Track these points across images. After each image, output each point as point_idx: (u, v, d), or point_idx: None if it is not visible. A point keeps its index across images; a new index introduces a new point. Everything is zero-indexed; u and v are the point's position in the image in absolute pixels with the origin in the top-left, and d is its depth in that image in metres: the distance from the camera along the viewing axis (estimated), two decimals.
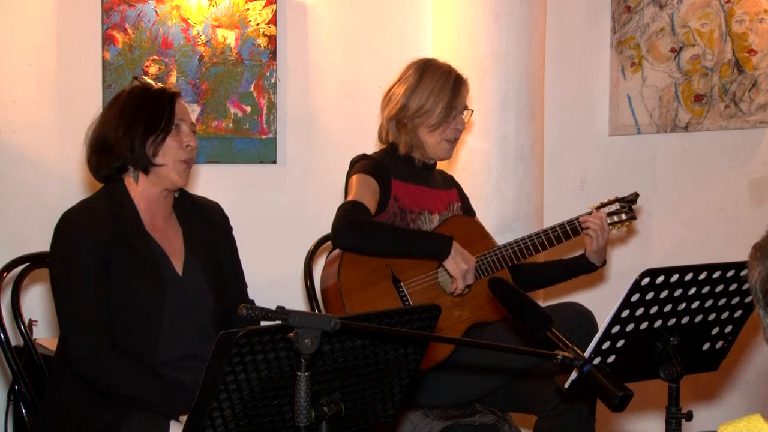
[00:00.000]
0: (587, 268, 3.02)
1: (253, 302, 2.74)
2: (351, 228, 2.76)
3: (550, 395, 2.74)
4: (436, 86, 2.94)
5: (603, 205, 3.02)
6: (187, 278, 2.52)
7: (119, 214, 2.48)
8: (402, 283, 2.82)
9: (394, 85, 3.01)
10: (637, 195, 3.04)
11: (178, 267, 2.53)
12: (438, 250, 2.80)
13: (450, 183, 3.17)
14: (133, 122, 2.49)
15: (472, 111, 3.04)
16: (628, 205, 3.03)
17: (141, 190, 2.53)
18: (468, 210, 3.17)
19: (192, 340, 2.47)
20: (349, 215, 2.78)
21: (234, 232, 2.75)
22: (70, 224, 2.46)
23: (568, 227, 2.94)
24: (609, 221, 2.99)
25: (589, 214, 2.98)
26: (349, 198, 2.86)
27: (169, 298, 2.46)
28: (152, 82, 2.59)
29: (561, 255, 3.23)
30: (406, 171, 2.97)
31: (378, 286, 2.79)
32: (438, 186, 3.07)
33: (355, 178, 2.92)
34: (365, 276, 2.79)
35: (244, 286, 2.74)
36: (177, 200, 2.63)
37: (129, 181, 2.53)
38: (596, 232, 2.93)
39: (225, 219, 2.74)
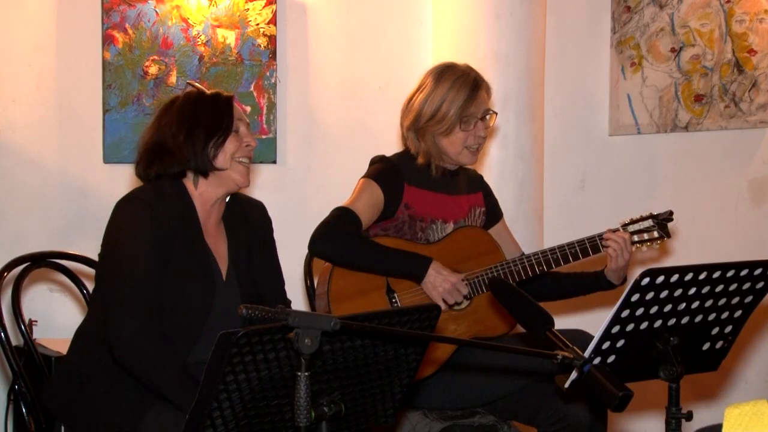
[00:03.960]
0: (605, 286, 2.90)
1: (289, 302, 2.75)
2: (328, 238, 2.74)
3: (551, 410, 2.72)
4: (451, 90, 2.86)
5: (633, 222, 2.86)
6: (228, 284, 2.53)
7: (182, 211, 2.48)
8: (396, 294, 2.80)
9: (413, 95, 2.93)
10: (671, 213, 2.87)
11: (222, 272, 2.54)
12: (414, 271, 2.76)
13: (476, 186, 3.08)
14: (194, 127, 2.49)
15: (496, 114, 2.96)
16: (661, 222, 2.86)
17: (200, 193, 2.53)
18: (493, 214, 3.09)
19: None
20: (333, 224, 2.76)
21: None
22: (141, 200, 2.44)
23: (587, 244, 2.81)
24: (638, 239, 2.84)
25: (615, 231, 2.83)
26: (347, 202, 2.83)
27: (215, 304, 2.47)
28: (204, 89, 2.59)
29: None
30: (423, 177, 2.91)
31: (370, 295, 2.77)
32: (461, 192, 3.00)
33: (362, 182, 2.88)
34: (358, 284, 2.77)
35: (281, 283, 2.73)
36: (227, 204, 2.63)
37: (188, 185, 2.52)
38: (617, 252, 2.79)
39: (268, 220, 2.73)
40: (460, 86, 2.87)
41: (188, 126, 2.49)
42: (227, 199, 2.61)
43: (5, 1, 3.80)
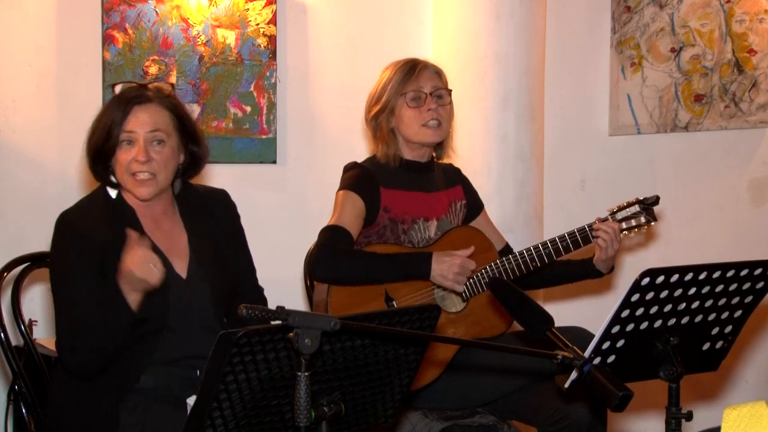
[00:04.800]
0: (593, 275, 2.92)
1: (261, 289, 2.73)
2: (328, 263, 2.73)
3: (551, 409, 2.72)
4: (389, 73, 2.94)
5: (621, 209, 2.87)
6: (191, 280, 2.50)
7: (117, 217, 2.46)
8: (395, 302, 2.80)
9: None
10: (657, 198, 2.87)
11: (182, 268, 2.50)
12: (419, 270, 2.76)
13: (455, 179, 3.09)
14: (89, 140, 2.47)
15: (451, 90, 2.97)
16: (648, 207, 2.87)
17: (131, 196, 2.50)
18: (474, 206, 3.10)
19: (199, 340, 2.46)
20: (328, 247, 2.75)
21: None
22: (65, 226, 2.43)
23: (578, 236, 2.82)
24: (626, 226, 2.85)
25: (605, 219, 2.85)
26: (332, 220, 2.83)
27: (173, 301, 2.44)
28: (130, 85, 2.50)
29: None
30: (397, 177, 2.92)
31: (369, 305, 2.76)
32: (438, 188, 3.01)
33: (341, 194, 2.88)
34: (356, 295, 2.76)
35: (253, 273, 2.70)
36: (180, 196, 2.59)
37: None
38: (606, 243, 2.80)
39: (230, 207, 2.69)
40: (398, 68, 2.94)
41: (87, 138, 2.47)
42: (174, 192, 2.56)
43: (5, 1, 3.80)
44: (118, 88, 2.50)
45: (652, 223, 2.89)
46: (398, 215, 2.88)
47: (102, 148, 2.44)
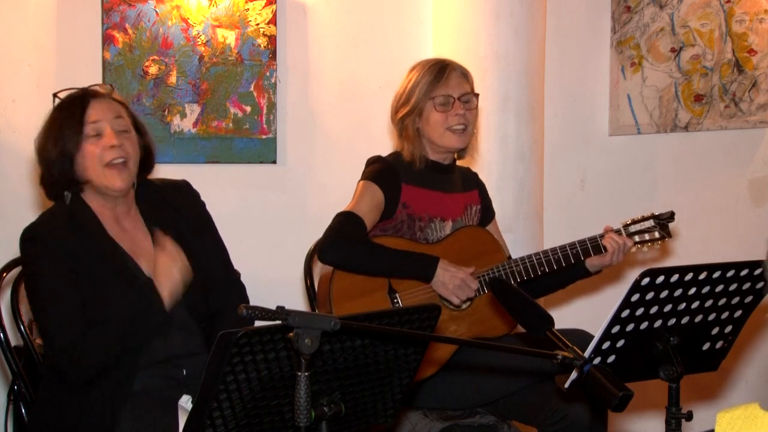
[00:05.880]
0: (583, 275, 2.94)
1: (238, 274, 2.71)
2: (336, 246, 2.74)
3: (551, 410, 2.72)
4: (417, 73, 2.93)
5: (635, 222, 2.87)
6: None
7: (80, 225, 2.43)
8: (398, 294, 2.80)
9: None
10: (672, 213, 2.88)
11: (149, 268, 2.47)
12: (423, 272, 2.77)
13: (472, 183, 3.11)
14: (46, 144, 2.42)
15: (478, 94, 2.98)
16: (663, 223, 2.87)
17: (92, 200, 2.47)
18: (487, 211, 3.12)
19: (176, 339, 2.46)
20: (339, 231, 2.75)
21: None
22: (29, 240, 2.42)
23: (589, 245, 2.83)
24: (639, 239, 2.86)
25: (617, 232, 2.87)
26: (349, 206, 2.83)
27: (141, 303, 2.41)
28: (73, 90, 2.46)
29: None
30: (419, 175, 2.92)
31: (372, 295, 2.77)
32: (456, 189, 3.01)
33: (361, 184, 2.89)
34: (360, 284, 2.77)
35: (226, 259, 2.67)
36: (139, 194, 2.55)
37: (83, 195, 2.47)
38: (611, 256, 2.83)
39: (193, 196, 2.65)
40: (426, 69, 2.92)
41: (42, 143, 2.43)
42: (134, 188, 2.53)
43: (5, 1, 3.80)
44: (62, 95, 2.47)
45: (666, 239, 2.88)
46: (416, 212, 2.89)
47: (62, 152, 2.40)
